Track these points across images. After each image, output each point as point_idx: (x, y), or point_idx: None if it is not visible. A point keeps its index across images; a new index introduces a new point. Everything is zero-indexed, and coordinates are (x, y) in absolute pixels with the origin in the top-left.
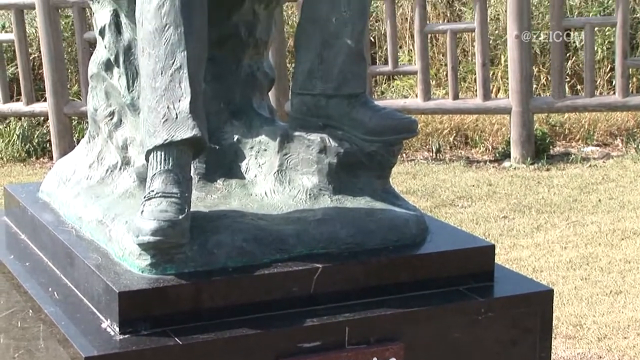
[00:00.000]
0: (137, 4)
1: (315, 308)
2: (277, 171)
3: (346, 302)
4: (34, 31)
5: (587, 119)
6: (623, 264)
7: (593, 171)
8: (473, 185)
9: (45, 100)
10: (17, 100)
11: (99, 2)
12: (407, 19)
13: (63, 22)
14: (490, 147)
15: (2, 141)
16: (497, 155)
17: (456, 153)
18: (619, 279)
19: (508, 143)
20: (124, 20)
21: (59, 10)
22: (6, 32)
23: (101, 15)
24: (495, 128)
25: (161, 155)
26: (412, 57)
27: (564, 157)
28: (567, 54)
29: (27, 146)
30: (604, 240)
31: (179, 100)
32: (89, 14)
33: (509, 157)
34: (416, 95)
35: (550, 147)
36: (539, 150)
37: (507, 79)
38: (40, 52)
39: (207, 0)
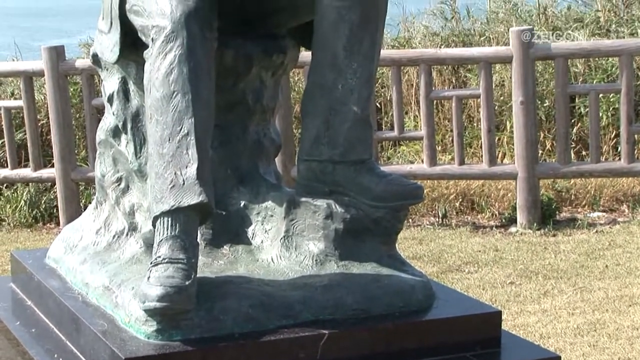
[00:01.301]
0: (145, 71)
1: None
2: (284, 237)
3: None
4: (42, 98)
5: (593, 184)
6: (631, 331)
7: (600, 237)
8: (479, 251)
9: (52, 166)
10: (25, 166)
11: (107, 70)
12: (412, 85)
13: (71, 89)
14: (496, 213)
15: (10, 207)
16: (504, 220)
17: (462, 218)
18: (627, 345)
19: (514, 208)
20: (132, 87)
21: (68, 77)
22: (15, 99)
23: (110, 83)
24: (502, 193)
25: (168, 221)
26: (418, 122)
27: (571, 222)
28: (572, 120)
29: (34, 212)
30: (612, 307)
31: (186, 167)
32: (97, 80)
33: (516, 222)
34: (422, 161)
35: (557, 212)
36: (545, 215)
37: (513, 144)
38: (48, 118)
39: (215, 68)
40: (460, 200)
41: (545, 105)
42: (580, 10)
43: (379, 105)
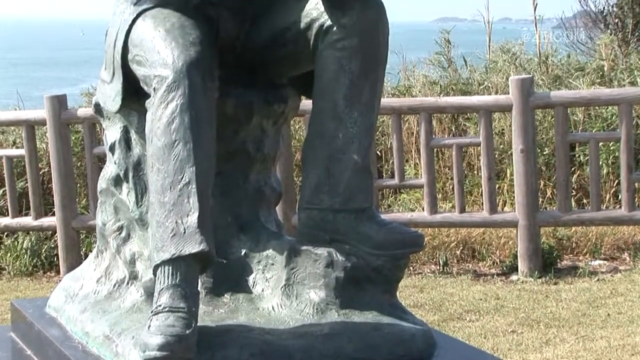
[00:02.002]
0: (147, 120)
1: None
2: (285, 285)
3: None
4: (44, 146)
5: (594, 232)
6: None
7: (601, 285)
8: (481, 299)
9: (53, 214)
10: (26, 214)
11: (109, 119)
12: (413, 133)
13: (73, 137)
14: (497, 261)
15: (10, 255)
16: (505, 268)
17: (463, 266)
18: None
19: (515, 256)
20: (133, 136)
21: (70, 126)
22: (17, 147)
23: (111, 132)
24: (502, 241)
25: (169, 269)
26: (418, 170)
27: (572, 270)
28: (573, 168)
29: (34, 260)
30: (614, 356)
31: (187, 215)
32: (99, 129)
33: (517, 270)
34: (423, 209)
35: (558, 260)
36: (547, 263)
37: (514, 192)
38: (50, 166)
39: (216, 117)
40: (461, 248)
41: (545, 153)
42: (580, 59)
43: (379, 153)
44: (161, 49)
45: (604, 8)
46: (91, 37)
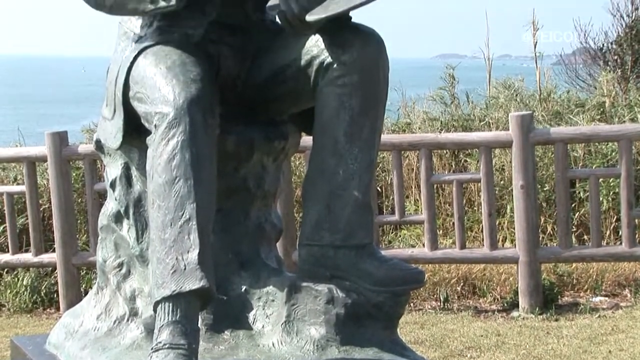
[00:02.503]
0: (147, 157)
1: None
2: (285, 322)
3: None
4: (45, 183)
5: (594, 268)
6: None
7: (602, 322)
8: (482, 336)
9: (53, 250)
10: (26, 250)
11: (110, 155)
12: (413, 169)
13: (74, 174)
14: (498, 297)
15: (10, 292)
16: (506, 305)
17: (464, 303)
18: None
19: (516, 293)
20: (134, 172)
21: (70, 162)
22: (18, 184)
23: (112, 168)
24: (503, 277)
25: (169, 306)
26: (418, 206)
27: (573, 307)
28: (573, 204)
29: (34, 297)
30: None
31: (188, 252)
32: (99, 165)
33: (517, 307)
34: (423, 245)
35: (559, 297)
36: (547, 300)
37: (514, 228)
38: (50, 203)
39: (216, 154)
40: (462, 284)
41: (545, 189)
42: (580, 95)
43: (379, 190)
44: (162, 86)
45: (603, 45)
46: (92, 74)
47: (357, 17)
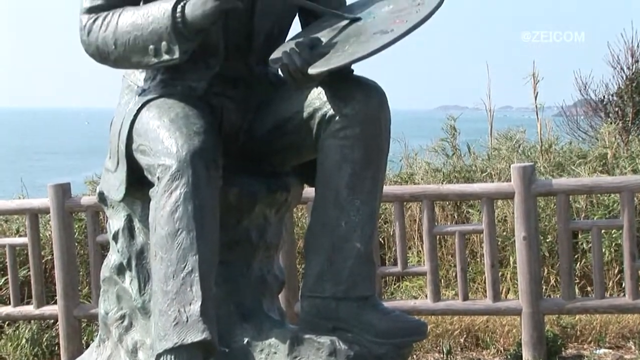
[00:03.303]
0: (150, 209)
1: None
2: None
3: None
4: (47, 234)
5: (598, 320)
6: None
7: None
8: None
9: (55, 302)
10: (28, 303)
11: (113, 208)
12: (415, 220)
13: (76, 225)
14: (501, 349)
15: (11, 345)
16: (509, 357)
17: (467, 354)
18: None
19: (519, 345)
20: (137, 224)
21: (73, 214)
22: (20, 235)
23: (115, 220)
24: (506, 329)
25: (171, 358)
26: (421, 258)
27: (577, 359)
28: (576, 256)
29: (35, 349)
30: None
31: (190, 304)
32: (102, 217)
33: (521, 358)
34: (426, 296)
35: (562, 349)
36: (551, 352)
37: (517, 280)
38: (52, 254)
39: (219, 205)
40: (465, 336)
41: (548, 240)
42: (582, 147)
43: (382, 241)
44: (165, 139)
45: (604, 97)
46: (95, 126)
47: (358, 69)
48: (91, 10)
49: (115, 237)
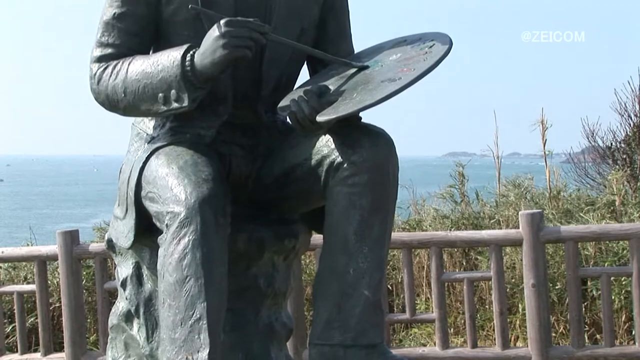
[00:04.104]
0: (159, 256)
1: None
2: None
3: None
4: (55, 282)
5: None
6: None
7: None
8: None
9: (63, 350)
10: (35, 350)
11: (121, 255)
12: (424, 267)
13: (84, 272)
14: None
15: None
16: None
17: None
18: None
19: None
20: (145, 272)
21: (81, 261)
22: (28, 282)
23: (123, 268)
24: None
25: None
26: (429, 305)
27: None
28: (585, 303)
29: None
30: None
31: (198, 352)
32: (110, 264)
33: None
34: (434, 344)
35: None
36: None
37: (526, 327)
38: (60, 301)
39: (227, 253)
40: None
41: (557, 287)
42: (590, 194)
43: (390, 288)
44: (174, 186)
45: (611, 144)
46: (104, 174)
47: (366, 117)
48: (101, 59)
49: (123, 284)
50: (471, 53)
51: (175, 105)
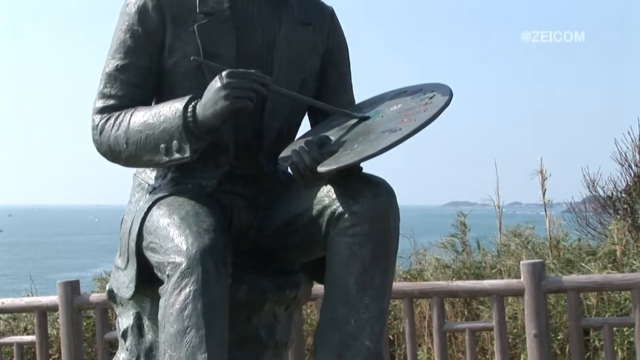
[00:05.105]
0: (160, 307)
1: None
2: None
3: None
4: (55, 332)
5: None
6: None
7: None
8: None
9: None
10: None
11: (122, 305)
12: (425, 317)
13: (85, 323)
14: None
15: None
16: None
17: None
18: None
19: None
20: (146, 322)
21: (81, 311)
22: (28, 333)
23: (124, 318)
24: None
25: None
26: (431, 355)
27: None
28: (587, 354)
29: None
30: None
31: None
32: (110, 314)
33: None
34: None
35: None
36: None
37: None
38: (60, 352)
39: (228, 303)
40: None
41: (559, 338)
42: (591, 243)
43: (391, 338)
44: (175, 236)
45: (612, 194)
46: (105, 223)
47: (367, 166)
48: (103, 110)
49: (124, 335)
50: (471, 104)
51: (177, 155)
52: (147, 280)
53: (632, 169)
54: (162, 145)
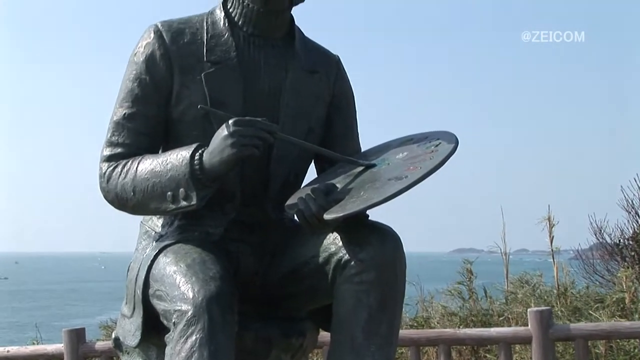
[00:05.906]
0: (166, 355)
1: None
2: None
3: None
4: None
5: None
6: None
7: None
8: None
9: None
10: None
11: (128, 353)
12: None
13: None
14: None
15: None
16: None
17: None
18: None
19: None
20: None
21: (87, 359)
22: None
23: None
24: None
25: None
26: None
27: None
28: None
29: None
30: None
31: None
32: None
33: None
34: None
35: None
36: None
37: None
38: None
39: (235, 351)
40: None
41: None
42: (599, 291)
43: None
44: (182, 284)
45: (619, 241)
46: (111, 271)
47: (373, 214)
48: (111, 158)
49: None
50: (476, 148)
51: (183, 203)
52: (154, 328)
53: (638, 215)
54: (169, 192)
